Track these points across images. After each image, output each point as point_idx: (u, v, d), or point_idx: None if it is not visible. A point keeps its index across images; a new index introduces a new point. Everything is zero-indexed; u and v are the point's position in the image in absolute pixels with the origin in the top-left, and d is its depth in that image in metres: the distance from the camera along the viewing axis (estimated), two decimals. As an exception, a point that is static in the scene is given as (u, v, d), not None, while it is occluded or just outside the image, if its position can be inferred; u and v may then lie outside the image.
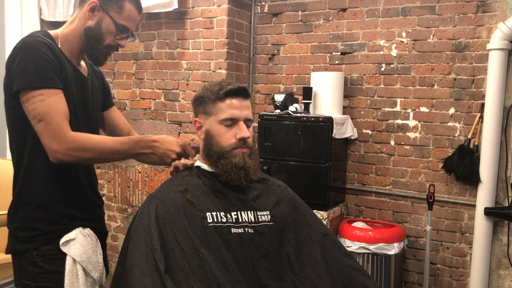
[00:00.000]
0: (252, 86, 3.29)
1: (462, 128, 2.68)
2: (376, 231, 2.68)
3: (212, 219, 1.32)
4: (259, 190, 1.46)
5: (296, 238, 1.41)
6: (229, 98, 1.39)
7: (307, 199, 2.69)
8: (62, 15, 3.39)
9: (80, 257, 1.42)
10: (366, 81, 2.93)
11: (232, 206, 1.37)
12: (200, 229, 1.29)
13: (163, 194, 1.35)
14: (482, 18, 2.60)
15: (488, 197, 2.55)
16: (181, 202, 1.32)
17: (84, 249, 1.44)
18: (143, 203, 1.38)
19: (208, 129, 1.41)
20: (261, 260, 1.31)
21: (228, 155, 1.37)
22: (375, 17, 2.87)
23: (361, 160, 2.98)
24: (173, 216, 1.30)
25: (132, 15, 1.47)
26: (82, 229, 1.48)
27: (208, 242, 1.28)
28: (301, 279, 1.34)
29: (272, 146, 2.78)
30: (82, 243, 1.45)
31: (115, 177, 3.53)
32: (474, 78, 2.64)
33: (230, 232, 1.31)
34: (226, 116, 1.38)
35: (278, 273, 1.33)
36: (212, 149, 1.39)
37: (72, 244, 1.42)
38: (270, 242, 1.35)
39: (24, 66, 1.30)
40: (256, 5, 3.24)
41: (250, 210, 1.38)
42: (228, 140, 1.38)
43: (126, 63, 3.45)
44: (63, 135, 1.31)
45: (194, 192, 1.36)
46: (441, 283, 2.78)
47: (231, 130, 1.39)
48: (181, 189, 1.35)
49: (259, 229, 1.35)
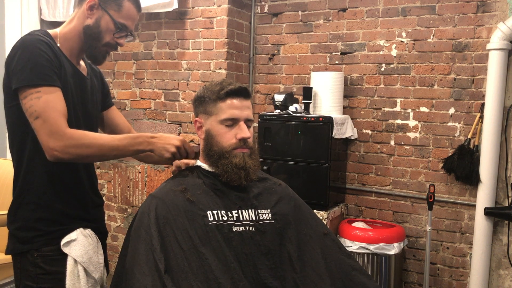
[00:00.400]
0: (252, 86, 3.29)
1: (462, 128, 2.68)
2: (376, 231, 2.68)
3: (213, 217, 1.31)
4: (260, 188, 1.46)
5: (297, 237, 1.41)
6: (230, 98, 1.38)
7: (307, 199, 2.69)
8: (62, 15, 3.39)
9: (81, 257, 1.42)
10: (366, 81, 2.93)
11: (233, 204, 1.37)
12: (200, 228, 1.29)
13: (163, 193, 1.35)
14: (482, 18, 2.60)
15: (488, 197, 2.55)
16: (181, 202, 1.32)
17: (85, 249, 1.43)
18: (143, 203, 1.38)
19: (208, 129, 1.41)
20: (262, 258, 1.31)
21: (228, 155, 1.37)
22: (375, 17, 2.87)
23: (361, 160, 2.98)
24: (173, 215, 1.29)
25: (131, 14, 1.46)
26: (83, 229, 1.47)
27: (209, 240, 1.27)
28: (302, 278, 1.34)
29: (272, 146, 2.78)
30: (83, 243, 1.44)
31: (115, 177, 3.53)
32: (474, 78, 2.64)
33: (231, 230, 1.31)
34: (226, 116, 1.38)
35: (279, 272, 1.33)
36: (212, 149, 1.39)
37: (73, 245, 1.42)
38: (271, 240, 1.35)
39: (23, 64, 1.30)
40: (256, 5, 3.24)
41: (251, 208, 1.38)
42: (229, 140, 1.38)
43: (126, 63, 3.45)
44: (61, 132, 1.29)
45: (194, 191, 1.35)
46: (441, 283, 2.78)
47: (231, 130, 1.38)
48: (181, 188, 1.35)
49: (260, 227, 1.36)
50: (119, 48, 1.53)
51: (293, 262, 1.36)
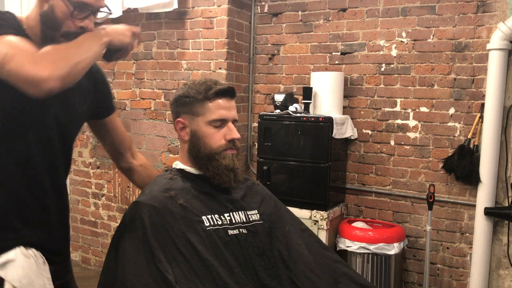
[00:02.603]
0: (252, 86, 3.29)
1: (462, 128, 2.68)
2: (376, 231, 2.68)
3: (209, 222, 1.28)
4: (244, 189, 1.44)
5: (282, 235, 1.41)
6: (218, 98, 1.34)
7: (307, 199, 2.73)
8: (62, 15, 3.38)
9: (19, 282, 1.15)
10: (366, 81, 2.93)
11: (223, 207, 1.34)
12: (198, 234, 1.24)
13: (152, 200, 1.26)
14: (482, 18, 2.60)
15: (488, 197, 2.55)
16: (174, 207, 1.26)
17: (24, 272, 1.16)
18: (129, 211, 1.27)
19: (195, 130, 1.35)
20: (258, 259, 1.31)
21: (218, 156, 1.33)
22: (375, 17, 2.87)
23: (361, 160, 2.98)
24: (169, 222, 1.23)
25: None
26: (25, 249, 1.19)
27: (210, 246, 1.24)
28: (296, 275, 1.34)
29: (272, 146, 2.77)
30: (23, 265, 1.17)
31: (115, 177, 3.53)
32: (474, 78, 2.64)
33: (227, 234, 1.29)
34: (215, 117, 1.34)
35: (275, 271, 1.32)
36: (201, 151, 1.34)
37: (10, 267, 1.16)
38: (263, 240, 1.35)
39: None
40: (256, 5, 3.24)
41: (241, 210, 1.37)
42: (218, 142, 1.34)
43: (126, 63, 3.44)
44: (43, 54, 1.06)
45: (184, 196, 1.30)
46: (441, 283, 2.78)
47: (220, 131, 1.35)
48: (171, 194, 1.29)
49: (251, 228, 1.35)
50: (119, 48, 1.39)
51: (285, 260, 1.35)
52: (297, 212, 2.67)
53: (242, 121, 3.23)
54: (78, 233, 3.77)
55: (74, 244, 3.79)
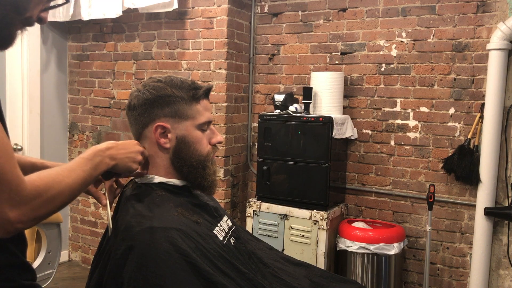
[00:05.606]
0: (252, 86, 3.29)
1: (462, 128, 2.68)
2: (376, 231, 2.68)
3: (220, 235, 1.18)
4: (205, 195, 1.32)
5: (242, 237, 1.36)
6: (203, 99, 1.20)
7: (307, 199, 2.73)
8: (63, 15, 3.38)
9: None
10: (366, 81, 2.93)
11: (214, 218, 1.23)
12: (222, 249, 1.13)
13: (170, 223, 1.06)
14: (482, 18, 2.60)
15: (488, 197, 2.55)
16: (193, 226, 1.10)
17: None
18: (148, 242, 1.01)
19: (183, 135, 1.17)
20: (250, 263, 1.26)
21: (208, 163, 1.21)
22: (375, 17, 2.87)
23: (361, 160, 2.98)
24: (200, 243, 1.06)
25: None
26: None
27: (236, 259, 1.15)
28: (274, 270, 1.31)
29: (272, 146, 2.78)
30: None
31: (115, 177, 3.52)
32: (474, 78, 2.64)
33: (231, 243, 1.23)
34: (205, 119, 1.19)
35: (260, 271, 1.28)
36: (192, 158, 1.18)
37: None
38: (245, 243, 1.31)
39: None
40: (256, 5, 3.24)
41: (222, 217, 1.28)
42: (206, 147, 1.21)
43: (126, 63, 3.45)
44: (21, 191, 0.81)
45: (187, 211, 1.15)
46: (441, 283, 2.78)
47: (204, 135, 1.21)
48: (181, 210, 1.12)
49: (235, 234, 1.29)
50: (119, 48, 1.34)
51: (260, 258, 1.32)
52: (297, 212, 2.68)
53: (242, 121, 3.23)
54: (78, 233, 3.77)
55: (74, 244, 3.79)
